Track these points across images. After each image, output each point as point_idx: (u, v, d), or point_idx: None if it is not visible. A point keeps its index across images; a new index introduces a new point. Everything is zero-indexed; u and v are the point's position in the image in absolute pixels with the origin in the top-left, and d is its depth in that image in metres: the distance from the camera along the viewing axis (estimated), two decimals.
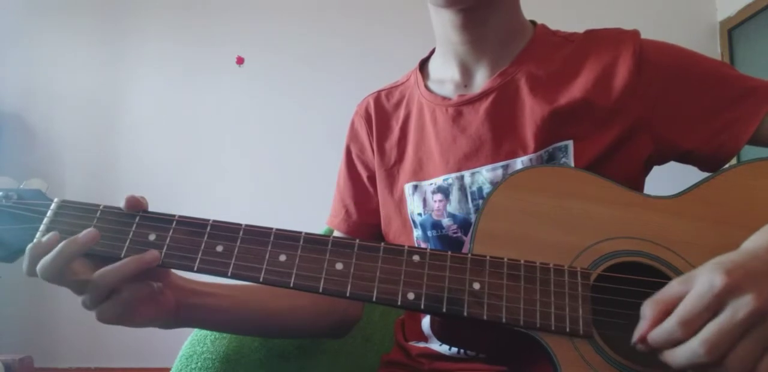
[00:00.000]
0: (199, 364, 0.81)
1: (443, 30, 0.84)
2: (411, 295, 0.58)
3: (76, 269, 0.59)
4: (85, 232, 0.61)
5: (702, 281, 0.51)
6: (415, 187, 0.85)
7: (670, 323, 0.51)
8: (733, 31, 2.75)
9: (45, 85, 3.13)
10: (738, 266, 0.51)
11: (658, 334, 0.52)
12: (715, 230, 0.63)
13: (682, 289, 0.52)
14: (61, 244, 0.59)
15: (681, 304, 0.51)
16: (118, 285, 0.59)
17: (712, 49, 2.81)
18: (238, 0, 3.11)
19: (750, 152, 0.77)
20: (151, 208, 0.65)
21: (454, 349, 0.80)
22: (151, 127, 3.08)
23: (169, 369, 0.82)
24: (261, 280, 0.60)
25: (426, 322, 0.86)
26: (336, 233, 0.94)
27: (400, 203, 0.87)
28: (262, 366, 0.86)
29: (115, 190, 2.98)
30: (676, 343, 0.51)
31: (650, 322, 0.53)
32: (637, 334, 0.53)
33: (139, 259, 0.60)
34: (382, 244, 0.61)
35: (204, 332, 0.85)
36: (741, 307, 0.48)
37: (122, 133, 3.09)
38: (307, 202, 2.65)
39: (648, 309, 0.54)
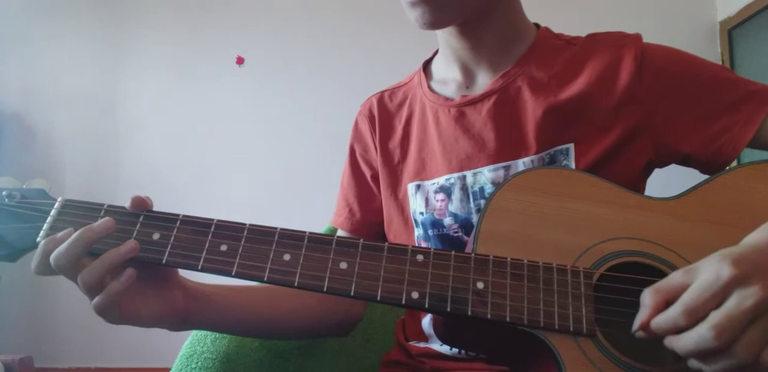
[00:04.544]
0: (199, 364, 0.81)
1: (443, 35, 0.85)
2: (415, 295, 0.58)
3: (85, 265, 0.59)
4: (101, 221, 0.61)
5: (708, 271, 0.51)
6: (418, 187, 0.85)
7: (675, 311, 0.51)
8: (733, 31, 2.75)
9: (45, 85, 3.13)
10: (744, 258, 0.51)
11: (661, 321, 0.52)
12: (715, 231, 0.63)
13: (684, 280, 0.53)
14: (78, 232, 0.59)
15: (686, 292, 0.52)
16: (100, 280, 0.58)
17: (712, 49, 2.81)
18: (238, 0, 3.11)
19: (751, 156, 0.78)
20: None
21: (455, 349, 0.80)
22: (152, 127, 3.08)
23: (169, 369, 0.82)
24: (265, 279, 0.60)
25: (426, 321, 0.86)
26: (340, 232, 0.95)
27: (403, 203, 0.88)
28: (262, 366, 0.86)
29: (115, 189, 2.98)
30: (679, 331, 0.51)
31: (651, 311, 0.53)
32: (638, 322, 0.54)
33: (115, 252, 0.60)
34: (386, 243, 0.61)
35: (204, 332, 0.85)
36: (748, 296, 0.49)
37: (122, 132, 3.09)
38: (308, 202, 2.66)
39: (648, 297, 0.54)
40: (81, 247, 0.59)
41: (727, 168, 0.71)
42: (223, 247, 0.61)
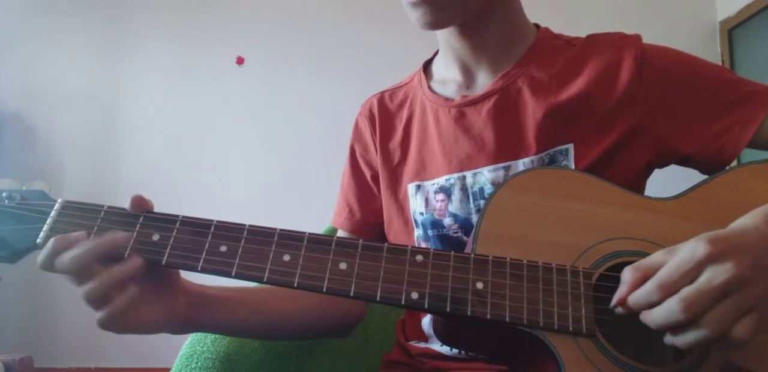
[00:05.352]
0: (199, 364, 0.81)
1: (444, 35, 0.85)
2: (415, 295, 0.58)
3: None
4: (114, 236, 0.60)
5: (684, 250, 0.53)
6: (418, 187, 0.85)
7: (649, 286, 0.53)
8: (733, 31, 2.76)
9: (45, 85, 3.14)
10: (722, 239, 0.53)
11: (637, 297, 0.54)
12: (713, 230, 0.63)
13: (664, 258, 0.55)
14: (92, 242, 0.59)
15: (662, 269, 0.53)
16: (104, 296, 0.58)
17: (712, 49, 2.81)
18: (238, 0, 3.11)
19: (751, 155, 0.78)
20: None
21: (455, 350, 0.80)
22: (152, 127, 3.08)
23: (169, 369, 0.82)
24: (265, 279, 0.60)
25: (426, 322, 0.86)
26: (340, 232, 0.95)
27: (403, 203, 0.88)
28: (262, 366, 0.86)
29: (115, 190, 2.98)
30: (652, 306, 0.53)
31: (629, 287, 0.55)
32: (616, 298, 0.56)
33: (119, 269, 0.58)
34: (386, 244, 0.61)
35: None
36: (719, 273, 0.50)
37: (122, 133, 3.10)
38: (308, 202, 2.66)
39: (628, 274, 0.56)
40: (95, 253, 0.58)
41: (727, 168, 0.71)
42: (223, 248, 0.61)
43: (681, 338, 0.52)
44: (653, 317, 0.53)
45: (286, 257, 0.60)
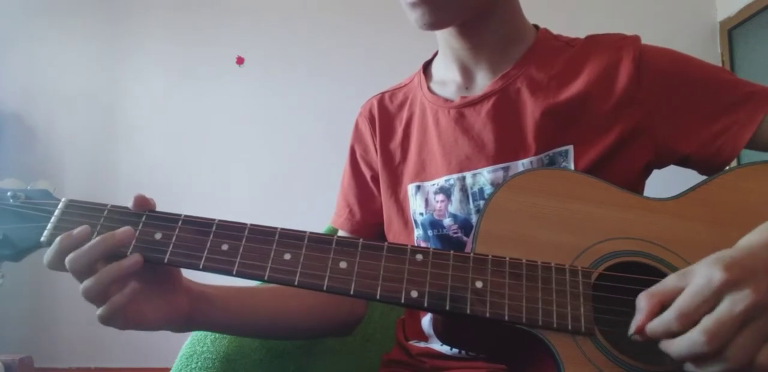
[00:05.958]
0: (199, 364, 0.81)
1: (443, 36, 0.85)
2: (414, 293, 0.59)
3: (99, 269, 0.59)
4: (122, 229, 0.61)
5: (700, 276, 0.52)
6: (418, 188, 0.86)
7: (669, 315, 0.52)
8: (733, 31, 2.76)
9: (45, 85, 3.14)
10: (736, 262, 0.52)
11: (656, 326, 0.53)
12: (713, 231, 0.64)
13: (678, 284, 0.54)
14: (99, 238, 0.59)
15: (679, 297, 0.52)
16: (103, 293, 0.58)
17: (712, 49, 2.81)
18: (238, 0, 3.12)
19: (750, 156, 0.78)
20: None
21: (455, 349, 0.80)
22: (152, 127, 3.08)
23: (169, 369, 0.83)
24: (266, 278, 0.60)
25: (426, 321, 0.86)
26: (340, 233, 0.95)
27: (403, 204, 0.88)
28: (262, 366, 0.87)
29: (115, 190, 2.98)
30: (673, 335, 0.52)
31: (646, 314, 0.54)
32: (633, 326, 0.55)
33: (117, 266, 0.59)
34: (386, 243, 0.62)
35: (204, 332, 0.85)
36: (739, 300, 0.49)
37: (122, 133, 3.10)
38: (308, 202, 2.66)
39: (644, 301, 0.55)
40: (100, 252, 0.59)
41: (726, 168, 0.71)
42: (225, 247, 0.61)
43: (705, 369, 0.51)
44: (675, 348, 0.52)
45: (287, 256, 0.61)
